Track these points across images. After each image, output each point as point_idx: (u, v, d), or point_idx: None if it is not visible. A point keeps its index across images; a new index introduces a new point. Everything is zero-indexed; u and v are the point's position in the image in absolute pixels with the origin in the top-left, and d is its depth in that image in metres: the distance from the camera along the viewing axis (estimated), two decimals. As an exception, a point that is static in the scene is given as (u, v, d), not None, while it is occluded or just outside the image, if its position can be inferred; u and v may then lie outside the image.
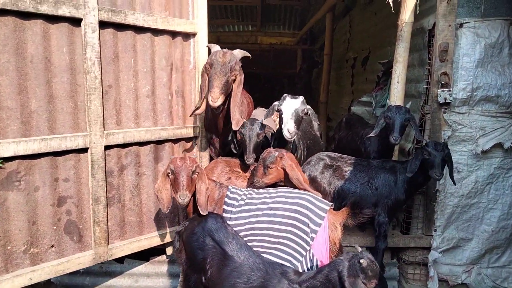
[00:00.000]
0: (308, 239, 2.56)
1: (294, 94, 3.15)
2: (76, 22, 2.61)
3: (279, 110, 3.00)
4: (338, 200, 3.11)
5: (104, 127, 2.82)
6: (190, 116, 3.13)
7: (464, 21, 3.42)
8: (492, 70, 3.43)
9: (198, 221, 2.58)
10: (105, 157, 2.85)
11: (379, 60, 5.09)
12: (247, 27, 12.01)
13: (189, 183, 2.58)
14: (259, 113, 4.05)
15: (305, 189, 2.77)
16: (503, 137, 3.41)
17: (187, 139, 3.42)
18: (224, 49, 2.92)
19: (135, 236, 3.14)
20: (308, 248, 2.56)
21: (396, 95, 3.64)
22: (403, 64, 3.62)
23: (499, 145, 3.44)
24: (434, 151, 2.88)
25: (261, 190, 2.84)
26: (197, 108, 3.07)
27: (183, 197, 2.55)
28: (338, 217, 2.69)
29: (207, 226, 2.53)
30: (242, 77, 3.01)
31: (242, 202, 2.75)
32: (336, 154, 3.32)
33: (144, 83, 3.03)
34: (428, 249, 3.63)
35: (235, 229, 2.68)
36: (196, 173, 2.63)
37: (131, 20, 2.84)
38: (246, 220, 2.68)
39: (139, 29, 2.94)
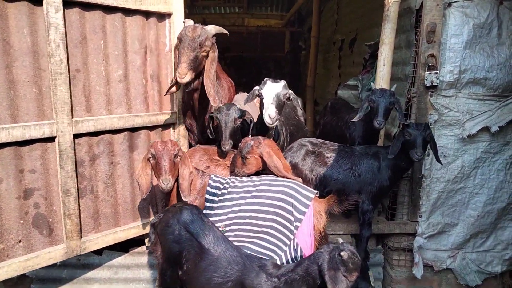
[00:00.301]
0: (292, 228, 2.48)
1: (282, 78, 3.02)
2: (37, 0, 2.41)
3: (259, 95, 2.86)
4: (320, 187, 3.01)
5: (72, 115, 2.65)
6: (166, 94, 2.99)
7: (453, 0, 3.28)
8: (480, 52, 3.31)
9: (173, 212, 2.46)
10: (74, 146, 2.69)
11: (366, 42, 4.94)
12: (234, 8, 11.67)
13: (171, 168, 2.48)
14: (241, 98, 3.89)
15: (284, 177, 2.66)
16: (490, 121, 3.32)
17: (164, 126, 3.26)
18: (195, 24, 2.77)
19: (111, 228, 3.01)
20: (292, 237, 2.48)
21: (382, 78, 3.51)
22: (389, 46, 3.48)
23: (485, 129, 3.35)
24: (414, 131, 2.78)
25: (244, 178, 2.74)
26: (172, 86, 2.92)
27: (166, 182, 2.46)
28: (323, 205, 2.61)
29: (182, 218, 2.41)
30: (216, 53, 2.88)
31: (225, 191, 2.64)
32: (319, 140, 3.21)
33: (115, 67, 2.85)
34: (413, 235, 3.57)
35: (217, 218, 2.59)
36: (178, 156, 2.53)
37: (98, -2, 2.64)
38: (229, 209, 2.59)
39: (108, 9, 2.75)
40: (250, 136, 2.87)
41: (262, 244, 2.52)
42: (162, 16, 3.09)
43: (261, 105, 2.86)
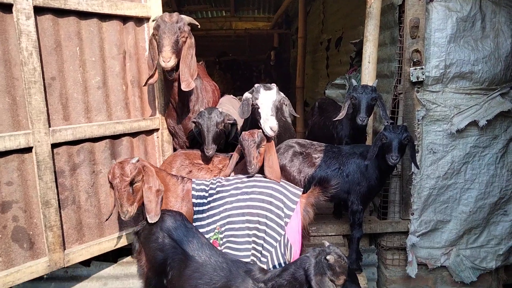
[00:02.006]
0: (283, 224, 2.47)
1: (272, 79, 2.97)
2: (6, 8, 2.34)
3: (255, 105, 2.81)
4: (309, 188, 2.94)
5: (49, 124, 2.57)
6: (145, 85, 2.93)
7: (435, -6, 3.25)
8: (465, 45, 3.28)
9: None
10: (53, 156, 2.61)
11: (351, 41, 4.91)
12: (221, 12, 11.62)
13: (129, 197, 2.32)
14: (227, 101, 3.83)
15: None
16: (477, 115, 3.29)
17: (147, 132, 3.19)
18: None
19: (95, 238, 2.92)
20: (283, 232, 2.47)
21: (368, 76, 3.47)
22: (374, 42, 3.44)
23: (474, 123, 3.31)
24: (390, 134, 2.67)
25: (230, 177, 2.70)
26: (150, 77, 2.86)
27: (124, 215, 2.32)
28: (310, 199, 2.61)
29: (165, 225, 2.34)
30: (193, 40, 2.87)
31: (213, 191, 2.61)
32: (306, 140, 3.15)
33: (93, 74, 2.78)
34: (406, 233, 3.52)
35: (211, 220, 2.55)
36: (137, 181, 2.33)
37: (72, 4, 2.57)
38: (221, 208, 2.55)
39: (83, 15, 2.68)
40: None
41: (255, 241, 2.50)
42: (140, 21, 3.03)
43: (257, 114, 2.80)
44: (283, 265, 2.46)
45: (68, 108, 2.69)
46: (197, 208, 2.56)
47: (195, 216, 2.54)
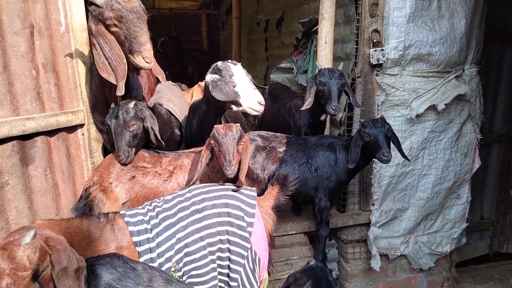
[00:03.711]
0: (246, 235, 2.04)
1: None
2: None
3: (231, 82, 2.38)
4: (272, 187, 2.57)
5: None
6: (120, 95, 2.25)
7: (393, -30, 3.02)
8: (423, 26, 3.13)
9: (85, 278, 1.59)
10: None
11: (296, 21, 4.58)
12: (143, -11, 10.61)
13: None
14: (166, 89, 3.26)
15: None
16: (436, 99, 3.18)
17: (69, 129, 2.54)
18: None
19: (5, 270, 2.25)
20: (249, 245, 2.04)
21: (325, 58, 3.18)
22: (330, 21, 3.14)
23: (431, 108, 3.21)
24: (373, 130, 2.41)
25: (168, 197, 2.13)
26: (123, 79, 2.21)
27: None
28: (269, 201, 2.22)
29: (102, 281, 1.63)
30: None
31: (156, 221, 2.00)
32: (269, 133, 2.74)
33: (-12, 55, 2.07)
34: (366, 225, 3.36)
35: (163, 259, 1.93)
36: (44, 269, 1.42)
37: None
38: (173, 240, 1.97)
39: (-34, -29, 1.95)
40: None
41: (220, 264, 2.05)
42: (51, -15, 2.34)
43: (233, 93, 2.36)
44: (254, 283, 2.07)
45: (-48, 102, 1.96)
46: (142, 248, 1.92)
47: (142, 259, 1.91)
